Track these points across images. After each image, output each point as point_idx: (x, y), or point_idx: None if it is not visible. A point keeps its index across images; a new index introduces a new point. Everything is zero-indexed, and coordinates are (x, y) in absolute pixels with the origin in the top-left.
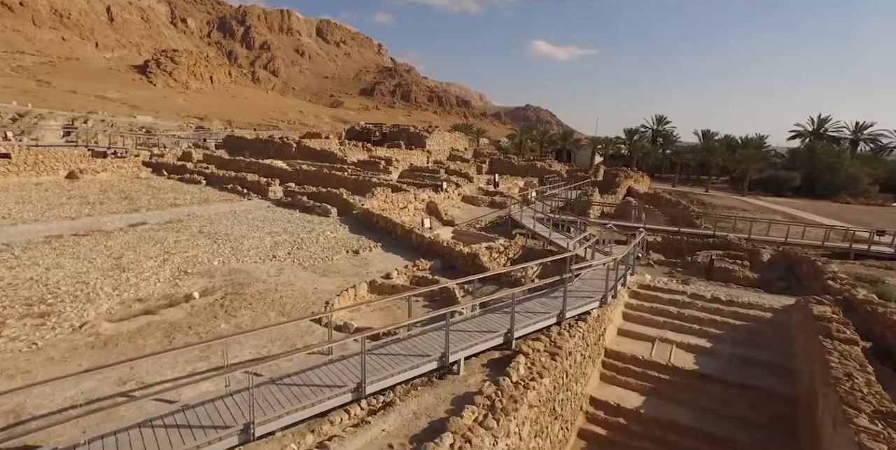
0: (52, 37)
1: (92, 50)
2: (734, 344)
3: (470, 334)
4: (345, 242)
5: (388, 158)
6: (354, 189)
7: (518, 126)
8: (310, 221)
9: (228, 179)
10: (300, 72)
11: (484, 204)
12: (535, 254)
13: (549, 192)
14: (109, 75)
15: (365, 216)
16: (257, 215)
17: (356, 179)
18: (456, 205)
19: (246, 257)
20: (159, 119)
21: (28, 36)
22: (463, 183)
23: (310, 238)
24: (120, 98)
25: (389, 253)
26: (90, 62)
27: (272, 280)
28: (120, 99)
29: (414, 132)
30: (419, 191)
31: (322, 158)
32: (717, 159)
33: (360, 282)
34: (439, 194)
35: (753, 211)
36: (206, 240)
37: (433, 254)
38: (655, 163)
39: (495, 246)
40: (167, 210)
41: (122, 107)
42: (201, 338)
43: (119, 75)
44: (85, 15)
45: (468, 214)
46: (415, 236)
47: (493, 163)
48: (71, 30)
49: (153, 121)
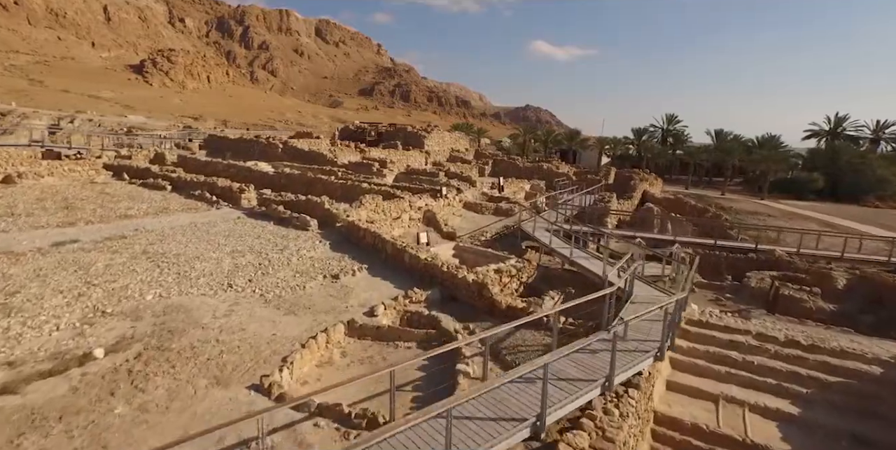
0: (47, 36)
1: (88, 49)
2: (834, 412)
3: (479, 425)
4: (323, 263)
5: (383, 160)
6: (342, 195)
7: (521, 126)
8: (284, 235)
9: (197, 185)
10: (299, 72)
11: (488, 211)
12: (554, 276)
13: (562, 198)
14: (105, 75)
15: (350, 230)
16: (222, 229)
17: (344, 184)
18: (457, 213)
19: (193, 288)
20: (151, 119)
21: (23, 35)
22: (464, 187)
23: (280, 259)
24: (114, 98)
25: (377, 278)
26: (86, 62)
27: (217, 324)
28: (114, 99)
29: (412, 132)
30: (415, 198)
31: (310, 159)
32: (734, 160)
33: (335, 323)
34: (438, 201)
35: (780, 216)
36: (148, 263)
37: (430, 279)
38: (665, 164)
39: (505, 268)
40: (112, 223)
41: (115, 106)
42: (72, 440)
43: (115, 75)
44: (81, 14)
45: (471, 223)
46: (408, 256)
47: (497, 164)
48: (67, 29)
49: (144, 120)
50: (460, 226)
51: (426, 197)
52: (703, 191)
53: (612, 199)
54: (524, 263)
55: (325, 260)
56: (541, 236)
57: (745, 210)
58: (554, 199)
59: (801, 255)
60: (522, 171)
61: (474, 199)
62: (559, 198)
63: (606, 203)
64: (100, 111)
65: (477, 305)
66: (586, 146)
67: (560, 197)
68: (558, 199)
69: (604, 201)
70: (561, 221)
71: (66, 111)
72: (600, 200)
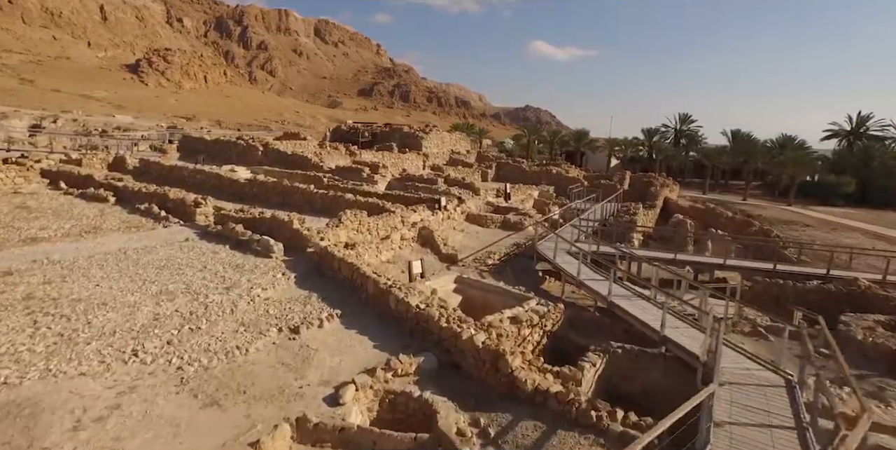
0: (42, 35)
1: (84, 49)
2: None
3: None
4: (282, 307)
5: (375, 164)
6: (323, 208)
7: (524, 126)
8: (238, 265)
9: (146, 196)
10: (298, 72)
11: (494, 225)
12: (587, 321)
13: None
14: (100, 75)
15: (323, 258)
16: (158, 258)
17: (325, 194)
18: (458, 227)
19: (72, 361)
20: (140, 119)
21: (17, 34)
22: (467, 196)
23: (223, 303)
24: (106, 97)
25: (352, 331)
26: (81, 61)
27: (76, 440)
28: (106, 98)
29: (408, 132)
30: (409, 212)
31: (293, 163)
32: (756, 163)
33: (277, 422)
34: (436, 215)
35: (818, 226)
36: (22, 317)
37: (424, 335)
38: (679, 166)
39: (525, 315)
40: (7, 251)
41: (106, 106)
42: None
43: (110, 75)
44: (77, 14)
45: (475, 240)
46: (395, 301)
47: (501, 168)
48: (62, 29)
49: (132, 120)
50: (463, 244)
51: (422, 210)
52: (722, 196)
53: (637, 210)
54: (549, 306)
55: (285, 303)
56: (566, 264)
57: (776, 219)
58: (573, 212)
59: (885, 282)
60: (529, 175)
61: (478, 210)
62: (577, 209)
63: (632, 216)
64: (88, 111)
65: (490, 380)
66: (595, 148)
67: (575, 208)
68: (575, 210)
69: (629, 214)
70: (584, 239)
71: (50, 111)
72: (624, 211)
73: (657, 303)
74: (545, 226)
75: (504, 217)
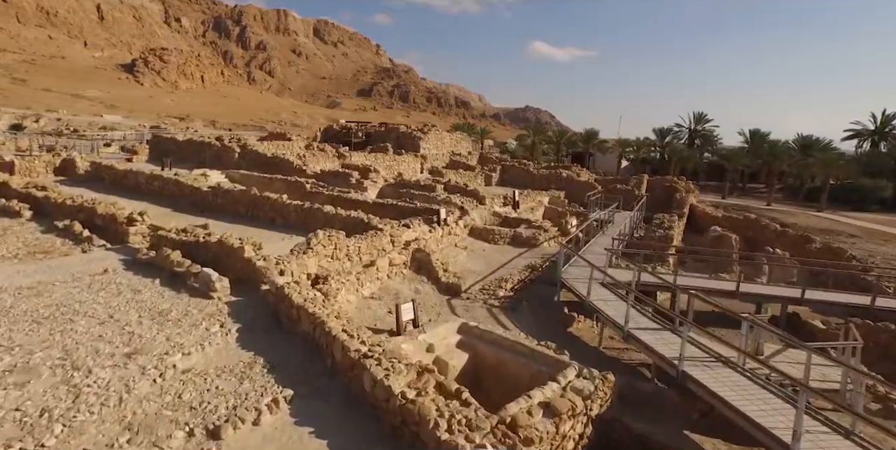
0: (37, 35)
1: (80, 49)
2: None
3: None
4: (204, 388)
5: (366, 168)
6: (298, 223)
7: (529, 126)
8: (162, 313)
9: (71, 210)
10: (297, 72)
11: (503, 240)
12: (644, 397)
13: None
14: (94, 74)
15: (279, 302)
16: (49, 302)
17: (300, 207)
18: (461, 243)
19: None
20: (130, 118)
21: (11, 33)
22: (470, 205)
23: (111, 386)
24: (98, 97)
25: (305, 428)
26: (76, 61)
27: None
28: (98, 98)
29: (406, 133)
30: (399, 228)
31: (273, 167)
32: (781, 165)
33: None
34: (435, 231)
35: (864, 236)
36: None
37: (414, 443)
38: (693, 168)
39: (562, 402)
40: None
41: (96, 106)
42: None
43: (105, 74)
44: (73, 13)
45: (481, 261)
46: (371, 381)
47: (506, 171)
48: (58, 28)
49: (120, 120)
50: (467, 268)
51: (418, 224)
52: (742, 200)
53: (672, 223)
54: (595, 380)
55: (212, 378)
56: (605, 304)
57: (812, 228)
58: (595, 225)
59: None
60: (536, 179)
61: (483, 222)
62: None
63: (667, 230)
64: (76, 110)
65: None
66: (605, 149)
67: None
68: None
69: (664, 228)
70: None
71: (34, 110)
72: (657, 224)
73: (749, 373)
74: (569, 247)
75: (514, 231)
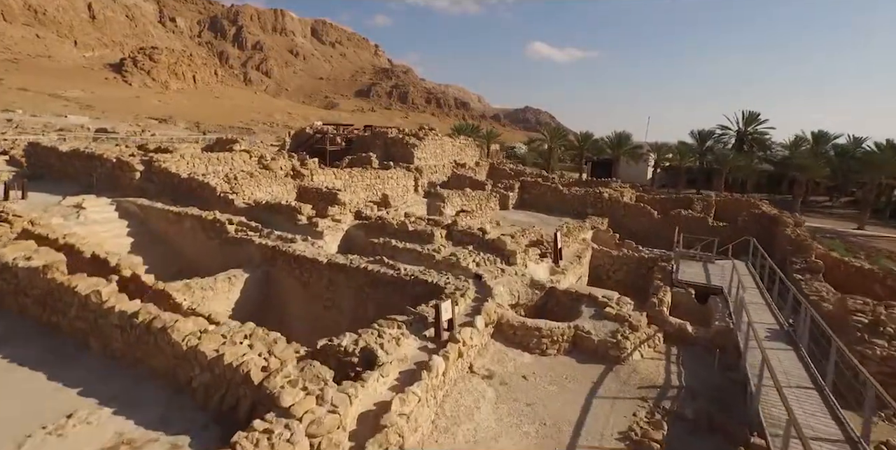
0: (24, 33)
1: (70, 48)
2: None
3: None
4: None
5: (331, 194)
6: (122, 353)
7: (546, 129)
8: None
9: None
10: (294, 73)
11: (555, 347)
12: None
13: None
14: (80, 74)
15: None
16: None
17: (132, 321)
18: (481, 364)
19: None
20: (100, 120)
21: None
22: (492, 274)
23: None
24: (79, 97)
25: None
26: (63, 61)
27: None
28: (78, 98)
29: (396, 138)
30: (348, 384)
31: (190, 194)
32: (879, 177)
33: None
34: (430, 375)
35: None
36: None
37: None
38: (744, 179)
39: None
40: None
41: (71, 106)
42: None
43: (92, 74)
44: (63, 12)
45: (526, 416)
46: None
47: (526, 189)
48: (47, 27)
49: (86, 121)
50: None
51: (394, 346)
52: (814, 218)
53: (875, 310)
54: None
55: None
56: None
57: None
58: (741, 317)
59: None
60: (567, 200)
61: (516, 298)
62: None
63: (869, 317)
64: (44, 110)
65: None
66: (638, 155)
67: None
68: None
69: (861, 311)
70: None
71: None
72: (811, 290)
73: None
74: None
75: (575, 330)
